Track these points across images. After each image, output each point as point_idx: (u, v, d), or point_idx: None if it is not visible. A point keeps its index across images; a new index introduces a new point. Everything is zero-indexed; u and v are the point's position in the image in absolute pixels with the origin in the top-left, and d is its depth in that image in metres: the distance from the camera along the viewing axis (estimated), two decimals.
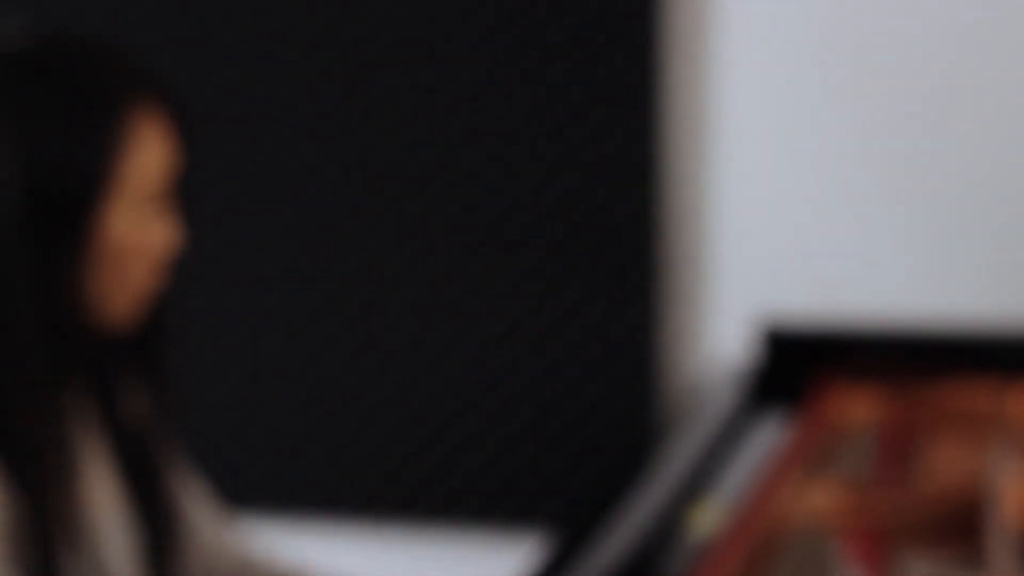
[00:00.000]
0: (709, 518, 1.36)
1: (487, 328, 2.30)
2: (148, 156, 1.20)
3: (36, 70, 1.19)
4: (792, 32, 2.18)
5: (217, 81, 2.40)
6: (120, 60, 1.22)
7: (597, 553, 1.31)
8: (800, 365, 1.95)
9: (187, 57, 2.39)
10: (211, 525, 1.46)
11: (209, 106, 2.35)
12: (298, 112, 2.38)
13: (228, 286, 2.39)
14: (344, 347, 2.38)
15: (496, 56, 2.27)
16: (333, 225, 2.37)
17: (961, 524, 1.43)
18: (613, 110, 2.22)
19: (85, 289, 1.19)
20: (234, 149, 2.41)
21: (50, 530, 1.18)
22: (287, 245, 2.39)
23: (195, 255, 1.41)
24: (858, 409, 1.86)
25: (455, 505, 2.35)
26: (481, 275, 2.30)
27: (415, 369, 2.34)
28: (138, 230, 1.20)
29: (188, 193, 1.28)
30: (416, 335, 2.34)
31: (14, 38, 1.21)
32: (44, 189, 1.16)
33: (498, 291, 2.30)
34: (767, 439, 1.59)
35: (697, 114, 2.24)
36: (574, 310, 2.28)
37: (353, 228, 2.36)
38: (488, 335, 2.30)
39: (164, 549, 1.32)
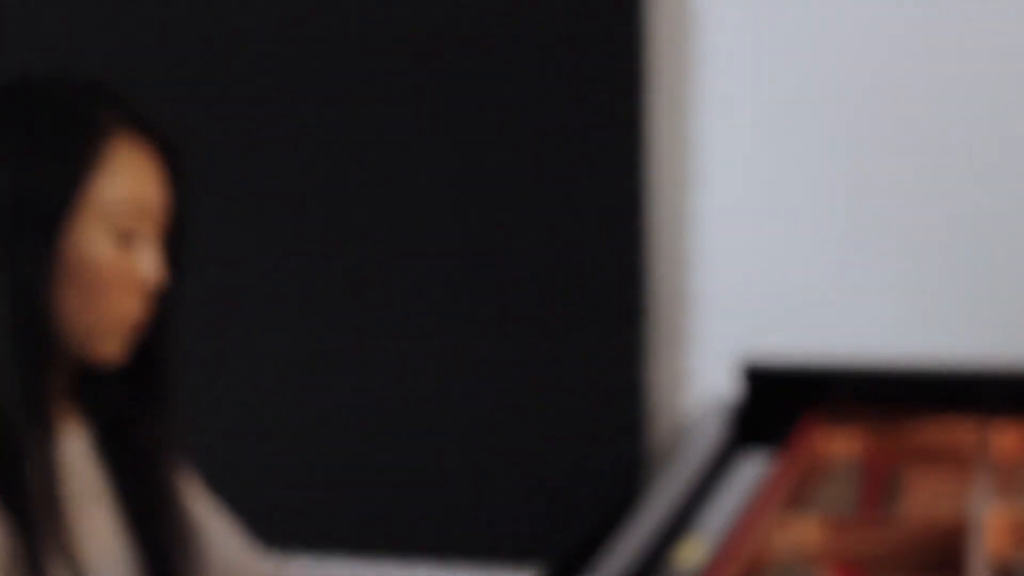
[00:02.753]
0: (695, 554, 1.37)
1: (484, 374, 2.32)
2: (126, 183, 1.22)
3: (16, 99, 1.23)
4: (774, 77, 2.20)
5: (213, 86, 2.42)
6: (102, 93, 1.25)
7: None
8: (783, 403, 1.96)
9: (191, 68, 2.41)
10: (237, 553, 1.47)
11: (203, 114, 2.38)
12: (289, 123, 2.40)
13: (237, 334, 2.39)
14: (347, 400, 2.38)
15: (485, 114, 2.30)
16: (338, 273, 2.38)
17: (943, 559, 1.44)
18: (603, 169, 2.24)
19: (64, 313, 1.21)
20: (235, 173, 2.42)
21: (44, 564, 1.19)
22: (294, 289, 2.40)
23: (199, 294, 1.42)
24: (840, 446, 1.87)
25: (454, 545, 2.35)
26: (478, 325, 2.31)
27: (414, 414, 2.35)
28: (118, 258, 1.22)
29: (184, 229, 1.30)
30: (414, 384, 2.35)
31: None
32: (16, 207, 1.19)
33: (493, 339, 2.31)
34: (751, 476, 1.60)
35: (681, 170, 2.26)
36: (567, 358, 2.29)
37: (357, 283, 2.36)
38: (486, 379, 2.32)
39: None
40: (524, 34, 2.24)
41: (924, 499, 1.64)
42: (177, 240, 1.30)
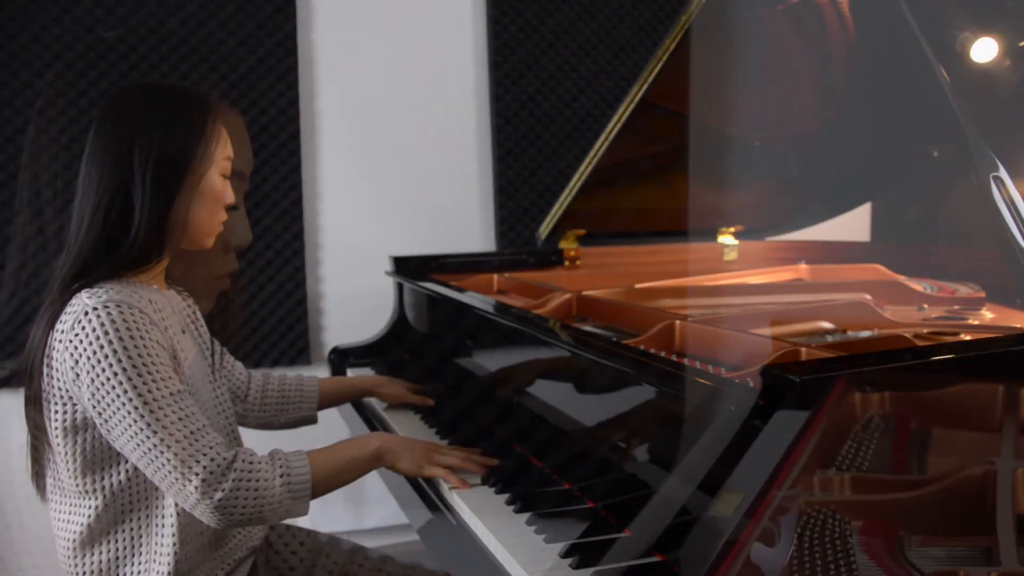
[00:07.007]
0: (731, 506, 1.38)
1: None
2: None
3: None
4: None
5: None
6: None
7: (632, 535, 1.34)
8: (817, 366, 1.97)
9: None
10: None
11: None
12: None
13: None
14: None
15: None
16: None
17: (971, 516, 1.45)
18: None
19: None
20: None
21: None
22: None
23: None
24: (871, 407, 1.89)
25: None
26: None
27: None
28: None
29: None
30: None
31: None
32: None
33: None
34: (786, 435, 1.61)
35: None
36: None
37: None
38: None
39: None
40: None
41: (954, 460, 1.66)
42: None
